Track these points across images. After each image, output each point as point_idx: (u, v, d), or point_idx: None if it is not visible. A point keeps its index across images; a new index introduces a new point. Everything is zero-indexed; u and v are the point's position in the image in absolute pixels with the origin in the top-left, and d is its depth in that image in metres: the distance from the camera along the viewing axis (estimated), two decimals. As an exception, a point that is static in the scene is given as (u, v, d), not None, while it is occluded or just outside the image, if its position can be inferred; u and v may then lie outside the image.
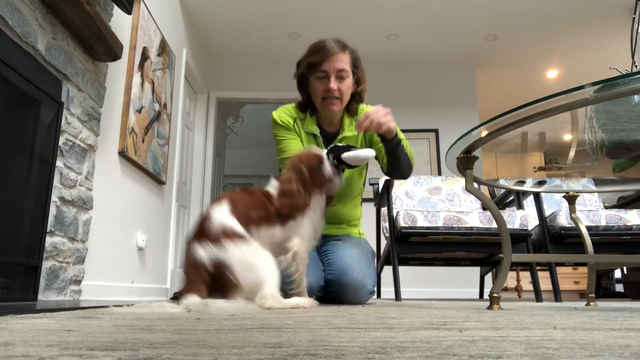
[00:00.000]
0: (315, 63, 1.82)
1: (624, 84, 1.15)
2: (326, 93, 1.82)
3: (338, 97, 1.83)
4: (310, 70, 1.84)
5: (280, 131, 1.94)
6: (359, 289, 1.78)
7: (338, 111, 1.89)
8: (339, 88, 1.81)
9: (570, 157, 1.81)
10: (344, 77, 1.82)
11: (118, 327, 0.72)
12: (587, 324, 0.80)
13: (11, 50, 1.62)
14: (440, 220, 2.61)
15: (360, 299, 1.80)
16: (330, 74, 1.80)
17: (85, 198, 2.12)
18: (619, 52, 4.57)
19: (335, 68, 1.80)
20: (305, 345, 0.49)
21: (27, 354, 0.43)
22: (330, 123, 1.95)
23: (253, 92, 5.18)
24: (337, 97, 1.83)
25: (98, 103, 2.22)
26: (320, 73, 1.82)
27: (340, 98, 1.84)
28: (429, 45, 4.83)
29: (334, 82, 1.80)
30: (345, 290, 1.79)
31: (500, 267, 1.46)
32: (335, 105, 1.84)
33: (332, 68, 1.80)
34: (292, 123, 1.95)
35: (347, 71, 1.83)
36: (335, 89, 1.81)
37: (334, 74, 1.80)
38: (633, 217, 2.72)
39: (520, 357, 0.42)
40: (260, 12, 4.27)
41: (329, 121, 1.95)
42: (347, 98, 1.88)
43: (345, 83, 1.83)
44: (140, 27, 2.89)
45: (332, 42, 1.83)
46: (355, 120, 1.84)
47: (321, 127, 1.96)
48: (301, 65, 1.89)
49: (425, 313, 1.15)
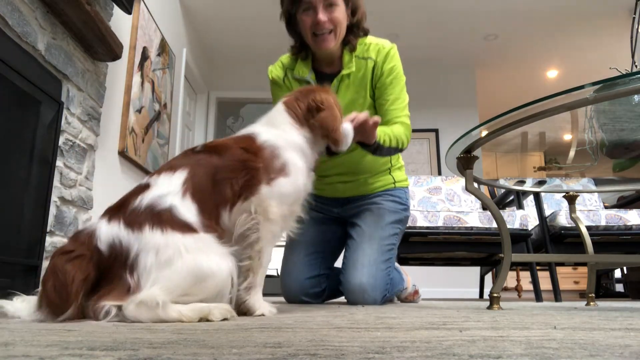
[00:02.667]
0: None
1: (624, 84, 1.15)
2: (316, 27, 1.59)
3: (331, 29, 1.59)
4: (294, 3, 1.62)
5: (273, 89, 1.81)
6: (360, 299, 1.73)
7: (335, 47, 1.65)
8: (330, 19, 1.58)
9: (570, 157, 1.81)
10: (332, 4, 1.58)
11: (118, 327, 0.72)
12: (587, 324, 0.80)
13: (11, 50, 1.62)
14: (440, 220, 2.61)
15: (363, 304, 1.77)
16: (317, 4, 1.57)
17: (85, 198, 2.12)
18: (619, 52, 4.57)
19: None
20: (305, 345, 0.49)
21: (27, 354, 0.43)
22: (330, 63, 1.73)
23: (253, 92, 5.18)
24: (329, 29, 1.59)
25: (98, 103, 2.22)
26: (304, 5, 1.59)
27: (334, 30, 1.60)
28: (429, 45, 4.83)
29: (323, 13, 1.57)
30: (349, 296, 1.78)
31: (500, 267, 1.46)
32: (328, 41, 1.61)
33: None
34: (282, 77, 1.77)
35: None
36: (324, 20, 1.57)
37: (321, 4, 1.57)
38: (633, 217, 2.72)
39: (520, 357, 0.42)
40: (261, 12, 4.27)
41: (328, 61, 1.72)
42: (343, 30, 1.63)
43: (337, 11, 1.59)
44: (140, 27, 2.89)
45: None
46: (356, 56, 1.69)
47: (319, 69, 1.75)
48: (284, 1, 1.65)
49: (425, 313, 1.15)
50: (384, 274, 1.78)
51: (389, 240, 1.84)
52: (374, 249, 1.79)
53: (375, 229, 1.82)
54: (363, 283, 1.73)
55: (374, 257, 1.79)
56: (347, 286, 1.77)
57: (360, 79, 1.70)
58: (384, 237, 1.82)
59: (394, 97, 1.71)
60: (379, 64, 1.69)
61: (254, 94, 5.19)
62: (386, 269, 1.79)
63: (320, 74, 1.74)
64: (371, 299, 1.72)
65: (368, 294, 1.72)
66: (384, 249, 1.81)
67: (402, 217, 1.89)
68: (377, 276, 1.75)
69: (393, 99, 1.71)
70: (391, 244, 1.84)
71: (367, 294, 1.72)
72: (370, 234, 1.82)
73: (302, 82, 1.72)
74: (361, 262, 1.78)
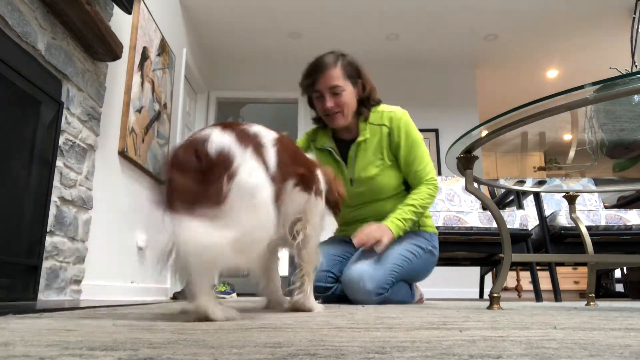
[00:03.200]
0: (308, 85, 1.89)
1: (624, 84, 1.15)
2: (325, 111, 1.88)
3: (338, 111, 1.87)
4: (307, 91, 1.92)
5: None
6: (355, 287, 1.76)
7: (345, 123, 1.92)
8: (336, 103, 1.86)
9: (570, 157, 1.82)
10: (338, 92, 1.85)
11: (118, 327, 0.72)
12: (587, 324, 0.80)
13: (11, 50, 1.62)
14: (440, 220, 2.61)
15: (359, 299, 1.78)
16: (325, 93, 1.86)
17: (85, 198, 2.12)
18: (619, 52, 4.57)
19: (327, 86, 1.85)
20: (305, 345, 0.49)
21: (27, 354, 0.43)
22: (347, 131, 1.98)
23: (253, 92, 5.18)
24: (336, 112, 1.87)
25: (98, 103, 2.22)
26: (315, 93, 1.89)
27: (342, 111, 1.88)
28: (429, 45, 4.83)
29: (330, 100, 1.85)
30: (347, 284, 1.80)
31: (500, 267, 1.46)
32: (338, 120, 1.89)
33: (324, 86, 1.85)
34: (306, 147, 2.04)
35: (340, 86, 1.85)
36: (331, 106, 1.86)
37: (328, 93, 1.85)
38: (633, 217, 2.73)
39: (520, 357, 0.42)
40: (261, 12, 4.27)
41: (345, 130, 1.98)
42: (351, 108, 1.90)
43: (343, 97, 1.86)
44: (140, 27, 2.89)
45: (322, 59, 1.86)
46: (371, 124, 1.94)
47: (339, 137, 2.01)
48: (301, 87, 1.95)
49: (425, 313, 1.15)
50: (386, 273, 1.79)
51: (403, 252, 1.88)
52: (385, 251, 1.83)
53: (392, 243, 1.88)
54: (363, 271, 1.76)
55: (381, 255, 1.82)
56: (347, 273, 1.80)
57: (377, 143, 1.93)
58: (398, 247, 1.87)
59: (418, 160, 1.93)
60: (394, 131, 1.92)
61: (254, 94, 5.19)
62: (390, 271, 1.81)
63: (339, 141, 2.00)
64: (367, 289, 1.73)
65: (364, 283, 1.74)
66: (395, 255, 1.85)
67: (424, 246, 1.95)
68: (378, 270, 1.78)
69: (418, 162, 1.93)
70: (404, 257, 1.87)
71: (364, 283, 1.74)
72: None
73: (323, 151, 2.00)
74: (367, 256, 1.82)
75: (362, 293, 1.75)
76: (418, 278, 2.04)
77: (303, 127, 4.98)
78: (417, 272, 1.96)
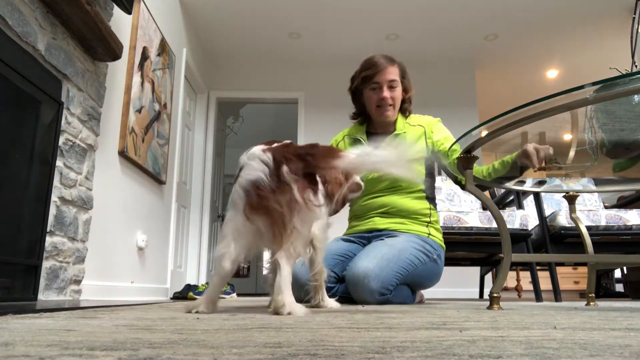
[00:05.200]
0: (369, 76, 2.06)
1: (624, 84, 1.15)
2: (380, 102, 2.07)
3: (391, 104, 2.07)
4: (365, 83, 2.09)
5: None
6: (359, 285, 1.76)
7: (393, 116, 2.12)
8: (391, 96, 2.07)
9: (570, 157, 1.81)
10: (394, 86, 2.07)
11: (118, 327, 0.72)
12: (587, 324, 0.80)
13: (11, 50, 1.62)
14: (440, 220, 2.61)
15: (362, 296, 1.78)
16: (383, 85, 2.06)
17: (85, 198, 2.12)
18: (619, 52, 4.58)
19: (386, 79, 2.05)
20: (305, 345, 0.49)
21: (27, 353, 0.43)
22: (385, 126, 2.16)
23: (253, 92, 5.18)
24: (390, 104, 2.07)
25: (98, 103, 2.22)
26: (373, 85, 2.07)
27: (393, 104, 2.08)
28: (429, 45, 4.83)
29: (387, 92, 2.06)
30: (351, 281, 1.80)
31: (500, 267, 1.46)
32: (389, 111, 2.08)
33: (384, 79, 2.05)
34: (339, 140, 2.23)
35: (397, 81, 2.08)
36: (388, 97, 2.06)
37: (386, 85, 2.06)
38: (633, 217, 2.73)
39: (520, 357, 0.42)
40: (261, 12, 4.27)
41: (384, 125, 2.15)
42: (399, 105, 2.12)
43: (397, 91, 2.09)
44: (140, 27, 2.89)
45: (381, 57, 2.09)
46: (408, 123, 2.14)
47: (372, 132, 2.18)
48: (355, 79, 2.14)
49: (425, 313, 1.15)
50: (391, 274, 1.80)
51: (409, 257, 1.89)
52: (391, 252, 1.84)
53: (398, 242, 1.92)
54: (369, 269, 1.76)
55: (388, 256, 1.83)
56: (352, 270, 1.81)
57: (412, 139, 2.09)
58: (405, 249, 1.89)
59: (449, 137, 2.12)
60: (428, 127, 2.13)
61: (254, 94, 5.19)
62: (396, 272, 1.81)
63: (372, 135, 2.16)
64: (371, 287, 1.74)
65: (369, 281, 1.75)
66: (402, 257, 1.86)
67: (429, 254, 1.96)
68: (383, 270, 1.78)
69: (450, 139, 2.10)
70: (410, 262, 1.88)
71: (369, 281, 1.75)
72: (391, 243, 1.91)
73: (353, 140, 2.16)
74: (374, 254, 1.83)
75: (366, 291, 1.75)
76: (421, 286, 2.06)
77: (303, 127, 4.98)
78: (421, 278, 1.97)
